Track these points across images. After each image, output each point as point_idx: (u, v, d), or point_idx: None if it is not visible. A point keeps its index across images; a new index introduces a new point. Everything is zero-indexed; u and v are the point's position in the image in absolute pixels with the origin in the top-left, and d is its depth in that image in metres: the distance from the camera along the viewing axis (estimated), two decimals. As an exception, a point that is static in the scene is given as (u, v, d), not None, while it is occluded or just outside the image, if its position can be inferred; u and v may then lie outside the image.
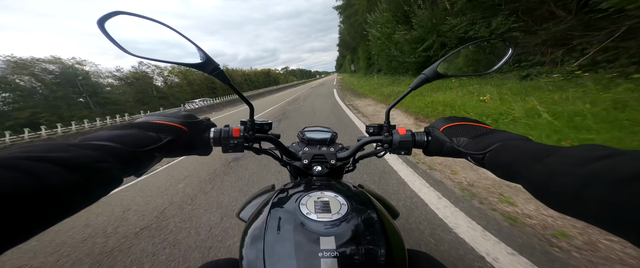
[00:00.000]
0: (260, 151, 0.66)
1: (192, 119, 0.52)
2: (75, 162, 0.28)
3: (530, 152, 0.34)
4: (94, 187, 0.29)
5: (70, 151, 0.29)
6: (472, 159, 0.46)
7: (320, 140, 0.74)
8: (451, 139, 0.51)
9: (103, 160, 0.31)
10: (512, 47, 0.56)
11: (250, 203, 0.67)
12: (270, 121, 0.66)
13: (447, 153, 0.52)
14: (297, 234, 0.38)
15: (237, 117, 10.83)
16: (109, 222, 2.29)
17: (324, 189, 0.50)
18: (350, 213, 0.43)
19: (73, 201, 0.26)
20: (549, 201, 0.30)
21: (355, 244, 0.37)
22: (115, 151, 0.34)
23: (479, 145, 0.44)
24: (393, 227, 0.46)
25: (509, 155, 0.37)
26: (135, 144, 0.38)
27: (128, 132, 0.41)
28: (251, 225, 0.47)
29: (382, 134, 0.63)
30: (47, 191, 0.23)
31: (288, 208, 0.45)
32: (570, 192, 0.26)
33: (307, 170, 0.66)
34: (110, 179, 0.31)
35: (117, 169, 0.33)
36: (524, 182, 0.34)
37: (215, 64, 0.49)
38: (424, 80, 0.59)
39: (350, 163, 0.74)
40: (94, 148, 0.32)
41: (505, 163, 0.37)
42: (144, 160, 0.40)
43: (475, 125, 0.50)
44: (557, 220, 1.47)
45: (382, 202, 0.58)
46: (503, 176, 0.38)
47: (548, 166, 0.30)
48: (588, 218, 0.25)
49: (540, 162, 0.31)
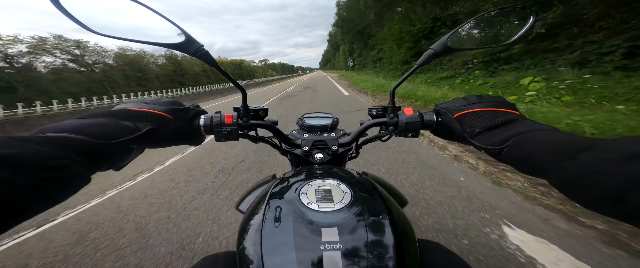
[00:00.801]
0: (257, 139, 0.63)
1: (177, 106, 0.48)
2: (22, 160, 0.24)
3: (560, 144, 0.30)
4: (51, 189, 0.25)
5: (16, 147, 0.25)
6: (487, 153, 0.41)
7: (321, 126, 0.70)
8: (464, 129, 0.45)
9: (59, 156, 0.27)
10: (533, 15, 0.50)
11: (250, 195, 0.66)
12: (266, 107, 0.62)
13: (458, 140, 0.48)
14: (297, 226, 0.36)
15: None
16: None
17: (326, 177, 0.47)
18: (354, 202, 0.40)
19: (26, 207, 0.23)
20: (584, 201, 0.27)
21: (360, 235, 0.35)
22: (78, 144, 0.30)
23: (496, 138, 0.39)
24: (401, 215, 0.43)
25: (533, 147, 0.33)
26: (104, 135, 0.34)
27: (96, 121, 0.37)
28: (249, 216, 0.45)
29: (387, 116, 0.58)
30: None
31: (287, 199, 0.42)
32: (611, 196, 0.23)
33: (308, 157, 0.63)
34: (71, 178, 0.28)
35: (78, 165, 0.29)
36: (552, 179, 0.30)
37: (198, 43, 0.45)
38: (432, 56, 0.53)
39: (353, 149, 0.71)
40: (49, 141, 0.28)
41: (529, 157, 0.33)
42: (118, 153, 0.36)
43: (495, 110, 0.44)
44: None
45: (388, 190, 0.55)
46: (528, 172, 0.34)
47: (583, 164, 0.26)
48: (633, 221, 0.22)
49: (574, 158, 0.27)
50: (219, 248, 1.63)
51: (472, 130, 0.44)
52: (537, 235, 1.48)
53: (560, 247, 1.38)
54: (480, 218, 1.68)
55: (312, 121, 0.72)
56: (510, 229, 1.55)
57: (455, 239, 1.50)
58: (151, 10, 0.42)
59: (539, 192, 1.85)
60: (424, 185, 2.17)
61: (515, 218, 1.64)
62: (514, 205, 1.78)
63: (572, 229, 1.50)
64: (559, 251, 1.36)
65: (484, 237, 1.50)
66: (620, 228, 1.42)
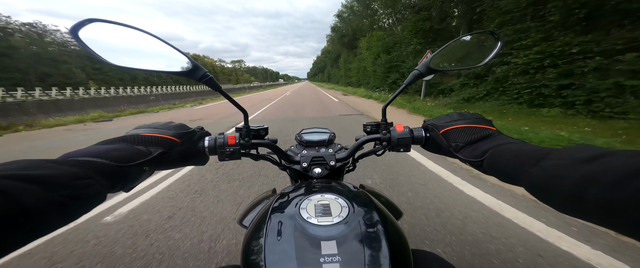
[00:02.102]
0: (258, 157, 0.65)
1: (184, 130, 0.51)
2: (55, 179, 0.27)
3: (525, 155, 0.35)
4: (74, 206, 0.28)
5: (49, 168, 0.28)
6: (470, 165, 0.46)
7: (318, 141, 0.73)
8: (450, 144, 0.50)
9: (86, 177, 0.31)
10: (501, 40, 0.57)
11: (252, 210, 0.66)
12: (266, 126, 0.65)
13: (445, 154, 0.53)
14: (297, 239, 0.38)
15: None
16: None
17: (324, 192, 0.49)
18: (351, 216, 0.42)
19: (49, 221, 0.26)
20: (551, 203, 0.30)
21: (357, 247, 0.37)
22: (100, 167, 0.34)
23: (476, 151, 0.44)
24: (396, 227, 0.45)
25: (506, 158, 0.38)
26: (122, 159, 0.37)
27: (115, 146, 0.40)
28: (252, 231, 0.46)
29: (380, 132, 0.63)
30: (20, 211, 0.23)
31: (288, 213, 0.44)
32: (571, 194, 0.27)
33: (307, 172, 0.65)
34: (92, 196, 0.31)
35: (100, 185, 0.32)
36: (524, 185, 0.34)
37: (204, 70, 0.48)
38: (418, 76, 0.59)
39: (350, 163, 0.74)
40: (77, 164, 0.31)
41: (504, 166, 0.38)
42: (132, 175, 0.39)
43: (475, 126, 0.49)
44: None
45: (384, 202, 0.58)
46: (504, 180, 0.39)
47: (545, 170, 0.31)
48: (591, 218, 0.26)
49: (536, 166, 0.32)
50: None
51: (457, 145, 0.49)
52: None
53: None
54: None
55: (310, 136, 0.75)
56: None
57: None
58: (162, 41, 0.46)
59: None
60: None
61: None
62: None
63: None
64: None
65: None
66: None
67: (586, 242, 1.56)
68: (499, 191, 2.25)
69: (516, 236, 1.65)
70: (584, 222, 1.40)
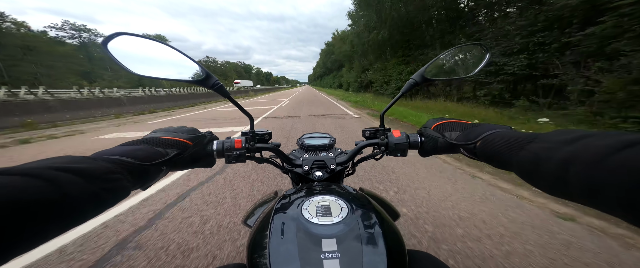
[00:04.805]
0: (262, 160, 0.67)
1: (196, 134, 0.55)
2: (94, 173, 0.30)
3: (513, 140, 0.37)
4: (106, 198, 0.31)
5: (89, 163, 0.31)
6: (464, 151, 0.50)
7: (320, 146, 0.76)
8: (443, 134, 0.55)
9: (117, 172, 0.34)
10: (489, 52, 0.62)
11: (255, 210, 0.68)
12: (270, 131, 0.68)
13: (442, 149, 0.56)
14: (300, 237, 0.40)
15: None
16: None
17: (325, 193, 0.51)
18: (350, 216, 0.44)
19: (87, 210, 0.28)
20: (538, 185, 0.32)
21: (356, 245, 0.39)
22: (128, 165, 0.37)
23: (469, 136, 0.48)
24: (392, 227, 0.47)
25: (497, 144, 0.40)
26: (145, 158, 0.41)
27: (139, 147, 0.43)
28: (256, 230, 0.48)
29: (378, 137, 0.66)
30: (66, 199, 0.26)
31: (291, 214, 0.46)
32: (555, 175, 0.28)
33: (308, 175, 0.68)
34: (121, 191, 0.34)
35: (127, 181, 0.35)
36: (514, 169, 0.36)
37: (215, 78, 0.52)
38: (413, 85, 0.63)
39: (350, 167, 0.77)
40: (110, 161, 0.35)
41: (495, 153, 0.41)
42: (152, 173, 0.42)
43: (463, 121, 0.55)
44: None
45: (382, 204, 0.60)
46: (497, 165, 0.41)
47: (531, 153, 0.32)
48: (576, 198, 0.26)
49: (524, 149, 0.34)
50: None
51: (450, 134, 0.54)
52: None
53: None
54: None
55: (311, 141, 0.78)
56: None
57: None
58: (178, 51, 0.50)
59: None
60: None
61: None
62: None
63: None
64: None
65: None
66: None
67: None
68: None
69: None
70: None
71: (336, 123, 7.15)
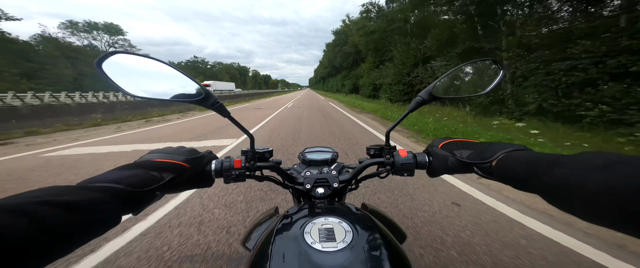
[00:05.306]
0: (263, 178, 0.65)
1: (194, 155, 0.53)
2: (83, 205, 0.29)
3: (536, 162, 0.35)
4: (94, 228, 0.30)
5: (79, 194, 0.30)
6: (478, 169, 0.46)
7: (322, 160, 0.73)
8: (453, 153, 0.51)
9: (106, 202, 0.32)
10: (504, 69, 0.58)
11: (255, 231, 0.65)
12: (271, 149, 0.66)
13: (453, 169, 0.52)
14: (302, 266, 0.37)
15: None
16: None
17: (328, 214, 0.49)
18: (355, 241, 0.42)
19: (70, 242, 0.27)
20: (570, 211, 0.29)
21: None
22: (119, 192, 0.36)
23: (483, 155, 0.44)
24: (400, 252, 0.45)
25: (517, 165, 0.38)
26: (139, 184, 0.39)
27: (133, 172, 0.41)
28: (256, 255, 0.46)
29: (384, 156, 0.63)
30: (47, 236, 0.25)
31: (292, 238, 0.44)
32: (591, 204, 0.26)
33: (310, 193, 0.65)
34: (110, 220, 0.33)
35: (117, 210, 0.34)
36: (539, 192, 0.33)
37: (215, 97, 0.51)
38: (421, 103, 0.60)
39: (353, 183, 0.73)
40: (99, 190, 0.34)
41: (516, 173, 0.38)
42: (145, 199, 0.41)
43: (472, 141, 0.51)
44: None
45: (387, 224, 0.56)
46: (516, 186, 0.38)
47: (560, 178, 0.30)
48: (615, 226, 0.25)
49: (549, 174, 0.31)
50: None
51: (460, 152, 0.50)
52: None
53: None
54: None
55: (313, 156, 0.74)
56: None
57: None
58: (176, 69, 0.48)
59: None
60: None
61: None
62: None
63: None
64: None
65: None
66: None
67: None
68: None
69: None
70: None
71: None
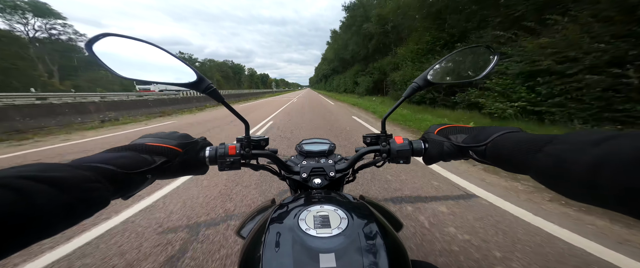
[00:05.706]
0: (258, 167, 0.65)
1: (187, 140, 0.52)
2: (70, 182, 0.28)
3: (528, 141, 0.34)
4: (81, 208, 0.29)
5: (64, 171, 0.29)
6: (473, 153, 0.46)
7: (319, 152, 0.73)
8: (448, 138, 0.52)
9: (96, 180, 0.32)
10: (497, 54, 0.58)
11: (250, 220, 0.65)
12: (267, 137, 0.65)
13: (448, 154, 0.52)
14: (296, 251, 0.37)
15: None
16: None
17: (324, 203, 0.49)
18: (350, 228, 0.42)
19: (58, 222, 0.26)
20: (563, 191, 0.29)
21: (356, 260, 0.36)
22: (108, 173, 0.35)
23: (478, 138, 0.45)
24: (395, 239, 0.45)
25: (510, 146, 0.37)
26: (128, 166, 0.38)
27: (123, 154, 0.41)
28: (250, 242, 0.45)
29: (380, 144, 0.63)
30: (35, 212, 0.24)
31: (287, 225, 0.43)
32: (583, 180, 0.25)
33: (307, 183, 0.65)
34: (99, 201, 0.32)
35: (107, 191, 0.33)
36: (531, 173, 0.33)
37: (208, 82, 0.50)
38: (416, 89, 0.60)
39: (350, 173, 0.74)
40: (88, 169, 0.33)
41: (508, 155, 0.37)
42: (136, 182, 0.40)
43: (467, 126, 0.52)
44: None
45: (384, 213, 0.57)
46: (509, 168, 0.38)
47: (552, 155, 0.29)
48: (608, 205, 0.24)
49: (541, 151, 0.31)
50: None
51: (456, 137, 0.51)
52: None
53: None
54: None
55: (310, 147, 0.75)
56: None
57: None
58: (170, 53, 0.47)
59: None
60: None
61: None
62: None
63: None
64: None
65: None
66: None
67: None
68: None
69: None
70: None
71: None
